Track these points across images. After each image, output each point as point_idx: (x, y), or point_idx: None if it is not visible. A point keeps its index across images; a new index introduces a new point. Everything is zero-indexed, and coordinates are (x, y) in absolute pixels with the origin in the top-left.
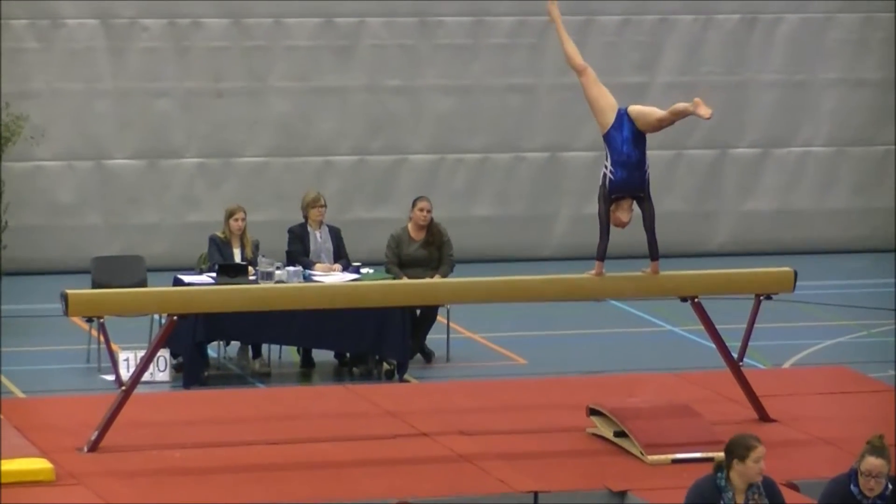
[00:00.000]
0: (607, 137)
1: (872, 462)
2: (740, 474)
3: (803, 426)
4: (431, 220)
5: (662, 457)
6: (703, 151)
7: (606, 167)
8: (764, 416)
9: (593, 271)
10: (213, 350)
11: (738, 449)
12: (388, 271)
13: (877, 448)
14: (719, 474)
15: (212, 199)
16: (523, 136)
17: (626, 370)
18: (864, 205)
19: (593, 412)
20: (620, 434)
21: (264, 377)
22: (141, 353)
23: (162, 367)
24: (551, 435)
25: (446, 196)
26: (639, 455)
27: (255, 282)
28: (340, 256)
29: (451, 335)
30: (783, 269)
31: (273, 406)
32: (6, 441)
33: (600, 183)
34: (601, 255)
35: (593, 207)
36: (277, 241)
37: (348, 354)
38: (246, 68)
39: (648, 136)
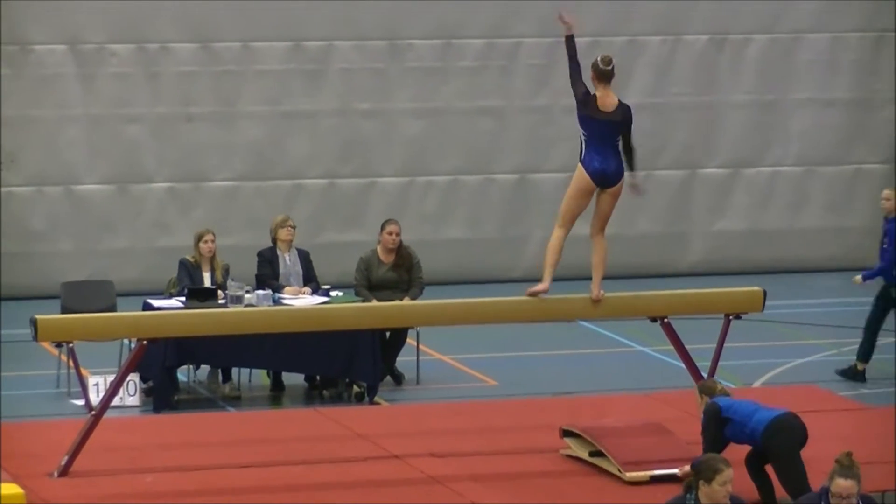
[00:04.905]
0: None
1: (842, 484)
2: (707, 496)
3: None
4: (401, 242)
5: (641, 473)
6: (673, 172)
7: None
8: None
9: None
10: (182, 374)
11: (705, 471)
12: (357, 294)
13: (845, 467)
14: (689, 495)
15: (182, 224)
16: (494, 158)
17: (596, 391)
18: (834, 224)
19: (567, 433)
20: (596, 454)
21: (234, 401)
22: (111, 378)
23: (132, 392)
24: (523, 456)
25: (417, 218)
26: (617, 473)
27: (225, 306)
28: (310, 280)
29: (421, 357)
30: (752, 288)
31: (243, 430)
32: None
33: None
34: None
35: None
36: (248, 265)
37: (318, 377)
38: (216, 93)
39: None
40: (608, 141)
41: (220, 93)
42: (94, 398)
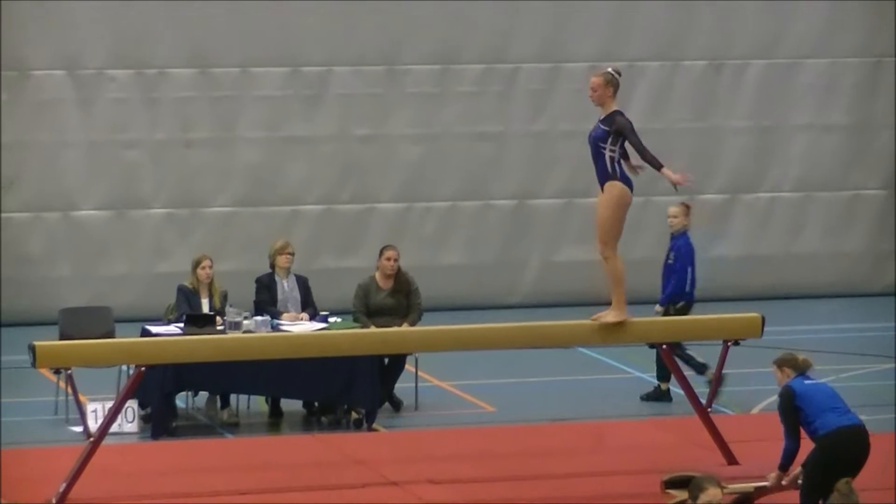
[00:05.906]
0: None
1: None
2: None
3: (772, 471)
4: (399, 268)
5: (745, 485)
6: (672, 198)
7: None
8: (732, 462)
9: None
10: (181, 400)
11: (692, 488)
12: (356, 320)
13: (844, 495)
14: None
15: (180, 250)
16: (492, 183)
17: (595, 417)
18: (833, 249)
19: (670, 485)
20: None
21: (233, 427)
22: (109, 404)
23: (130, 418)
24: (521, 482)
25: (415, 244)
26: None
27: (223, 332)
28: (308, 305)
29: (419, 383)
30: (751, 314)
31: (242, 456)
32: None
33: None
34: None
35: (562, 254)
36: (246, 291)
37: (317, 403)
38: (214, 118)
39: None
40: None
41: (219, 118)
42: (93, 424)
